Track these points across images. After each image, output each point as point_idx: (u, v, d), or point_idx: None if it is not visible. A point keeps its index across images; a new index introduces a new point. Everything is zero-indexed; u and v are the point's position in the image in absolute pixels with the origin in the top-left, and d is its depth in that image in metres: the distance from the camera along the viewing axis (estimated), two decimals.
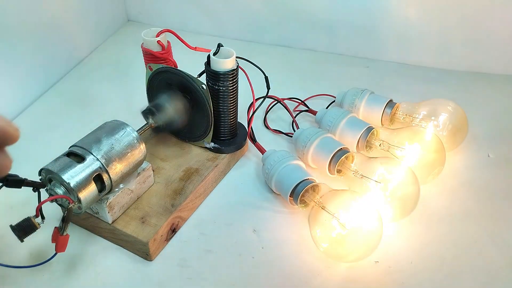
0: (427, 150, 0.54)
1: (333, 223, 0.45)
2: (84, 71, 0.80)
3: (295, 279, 0.45)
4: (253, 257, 0.47)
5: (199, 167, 0.54)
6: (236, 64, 0.52)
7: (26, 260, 0.46)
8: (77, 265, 0.46)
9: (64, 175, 0.39)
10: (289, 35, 0.88)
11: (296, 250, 0.48)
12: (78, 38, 0.81)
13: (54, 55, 0.75)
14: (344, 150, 0.54)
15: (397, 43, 0.82)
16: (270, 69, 0.59)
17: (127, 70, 0.80)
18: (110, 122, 0.46)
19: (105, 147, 0.43)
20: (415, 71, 0.81)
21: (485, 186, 0.57)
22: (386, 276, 0.46)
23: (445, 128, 0.58)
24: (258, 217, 0.52)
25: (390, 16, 0.79)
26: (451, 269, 0.46)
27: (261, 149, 0.57)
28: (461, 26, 0.77)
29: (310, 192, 0.49)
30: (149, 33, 0.54)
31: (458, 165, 0.60)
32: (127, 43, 0.89)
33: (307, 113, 0.68)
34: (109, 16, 0.91)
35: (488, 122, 0.68)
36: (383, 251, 0.47)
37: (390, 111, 0.61)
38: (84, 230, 0.50)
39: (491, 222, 0.52)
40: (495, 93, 0.75)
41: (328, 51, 0.87)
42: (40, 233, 0.40)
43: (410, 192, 0.49)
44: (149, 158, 0.55)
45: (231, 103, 0.54)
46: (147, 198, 0.50)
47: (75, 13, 0.78)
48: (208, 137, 0.56)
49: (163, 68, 0.52)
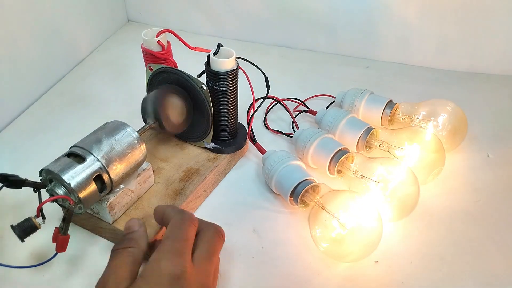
0: (427, 151, 0.54)
1: (333, 223, 0.45)
2: (84, 71, 0.80)
3: (295, 279, 0.45)
4: (253, 257, 0.47)
5: (199, 167, 0.54)
6: (236, 64, 0.52)
7: (26, 260, 0.46)
8: (78, 265, 0.46)
9: (65, 175, 0.39)
10: (289, 35, 0.88)
11: (296, 250, 0.48)
12: (78, 38, 0.81)
13: (54, 55, 0.75)
14: (344, 150, 0.54)
15: (397, 43, 0.82)
16: (270, 69, 0.59)
17: (127, 70, 0.80)
18: (110, 123, 0.46)
19: (105, 148, 0.43)
20: (415, 71, 0.82)
21: (485, 186, 0.57)
22: (386, 276, 0.46)
23: (444, 129, 0.59)
24: (258, 217, 0.52)
25: (390, 16, 0.79)
26: (451, 269, 0.47)
27: (261, 150, 0.57)
28: (461, 26, 0.77)
29: (310, 192, 0.49)
30: (149, 33, 0.54)
31: (458, 165, 0.60)
32: (127, 43, 0.89)
33: (307, 114, 0.68)
34: (109, 16, 0.91)
35: (488, 122, 0.68)
36: (383, 251, 0.47)
37: (389, 111, 0.61)
38: (84, 230, 0.50)
39: (491, 222, 0.52)
40: (495, 93, 0.75)
41: (328, 51, 0.87)
42: (41, 233, 0.40)
43: (410, 192, 0.49)
44: (150, 158, 0.55)
45: (231, 103, 0.54)
46: (148, 198, 0.50)
47: (75, 13, 0.78)
48: (208, 138, 0.56)
49: (163, 68, 0.53)
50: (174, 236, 0.38)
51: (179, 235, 0.38)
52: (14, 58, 0.65)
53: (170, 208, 0.42)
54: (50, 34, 0.72)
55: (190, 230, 0.39)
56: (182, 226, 0.39)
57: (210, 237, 0.39)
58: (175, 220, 0.39)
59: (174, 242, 0.37)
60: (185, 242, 0.38)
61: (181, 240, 0.37)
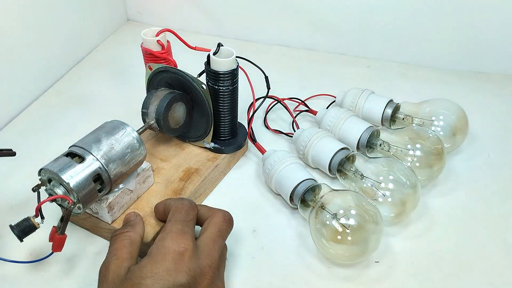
0: (427, 150, 0.54)
1: (333, 223, 0.45)
2: (84, 71, 0.80)
3: (295, 279, 0.45)
4: (253, 257, 0.47)
5: (199, 167, 0.54)
6: (236, 64, 0.52)
7: (25, 259, 0.46)
8: (77, 265, 0.46)
9: (64, 175, 0.39)
10: (290, 34, 0.88)
11: (296, 250, 0.48)
12: (77, 38, 0.81)
13: (54, 55, 0.74)
14: (344, 150, 0.54)
15: (397, 43, 0.82)
16: (270, 69, 0.59)
17: (126, 70, 0.80)
18: (110, 122, 0.46)
19: (105, 147, 0.43)
20: (415, 71, 0.81)
21: (485, 186, 0.57)
22: (386, 276, 0.46)
23: (445, 128, 0.58)
24: (258, 217, 0.52)
25: (391, 15, 0.79)
26: (451, 269, 0.46)
27: (261, 149, 0.57)
28: (461, 26, 0.77)
29: (310, 192, 0.49)
30: (148, 32, 0.53)
31: (458, 165, 0.60)
32: (126, 43, 0.89)
33: (307, 113, 0.68)
34: (108, 15, 0.91)
35: (488, 122, 0.68)
36: (383, 251, 0.47)
37: (390, 111, 0.61)
38: (83, 230, 0.49)
39: (491, 222, 0.52)
40: (495, 93, 0.75)
41: (328, 50, 0.87)
42: (39, 233, 0.40)
43: (410, 192, 0.49)
44: (149, 158, 0.55)
45: (231, 103, 0.54)
46: (147, 198, 0.50)
47: (74, 12, 0.78)
48: (208, 137, 0.56)
49: (163, 68, 0.52)
50: (176, 218, 0.41)
51: (181, 217, 0.41)
52: (13, 57, 0.65)
53: (170, 199, 0.46)
54: (49, 33, 0.72)
55: (191, 213, 0.42)
56: (183, 210, 0.42)
57: (218, 221, 0.42)
58: (177, 205, 0.43)
59: (176, 223, 0.40)
60: (187, 223, 0.41)
61: (183, 221, 0.40)
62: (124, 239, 0.41)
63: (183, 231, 0.39)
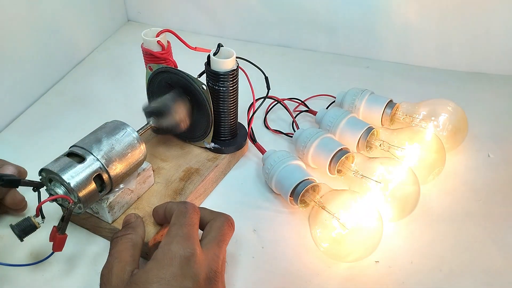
0: (427, 150, 0.54)
1: (333, 223, 0.45)
2: (84, 71, 0.80)
3: (295, 279, 0.45)
4: (253, 257, 0.47)
5: (199, 167, 0.54)
6: (236, 64, 0.52)
7: (26, 260, 0.46)
8: (78, 265, 0.46)
9: (64, 175, 0.39)
10: (289, 35, 0.88)
11: (296, 250, 0.48)
12: (78, 38, 0.81)
13: (54, 55, 0.75)
14: (344, 150, 0.54)
15: (397, 43, 0.82)
16: (270, 69, 0.59)
17: (127, 70, 0.80)
18: (110, 122, 0.46)
19: (105, 147, 0.43)
20: (415, 71, 0.81)
21: (485, 186, 0.57)
22: (386, 276, 0.46)
23: (445, 128, 0.58)
24: (258, 217, 0.52)
25: (390, 16, 0.79)
26: (451, 269, 0.46)
27: (261, 149, 0.57)
28: (460, 26, 0.77)
29: (310, 192, 0.49)
30: (149, 33, 0.54)
31: (458, 165, 0.60)
32: (127, 43, 0.89)
33: (307, 113, 0.68)
34: (109, 16, 0.91)
35: (488, 122, 0.68)
36: (383, 251, 0.47)
37: (390, 111, 0.61)
38: (84, 230, 0.50)
39: (491, 222, 0.52)
40: (495, 93, 0.75)
41: (328, 51, 0.87)
42: (40, 232, 0.40)
43: (410, 192, 0.49)
44: (149, 158, 0.55)
45: (231, 103, 0.54)
46: (147, 198, 0.50)
47: (75, 13, 0.78)
48: (208, 137, 0.56)
49: (163, 68, 0.52)
50: (181, 222, 0.40)
51: (185, 221, 0.40)
52: (14, 58, 0.65)
53: (171, 203, 0.45)
54: (49, 34, 0.72)
55: (194, 216, 0.41)
56: (187, 213, 0.41)
57: (220, 225, 0.41)
58: (180, 209, 0.42)
59: (181, 227, 0.39)
60: (192, 227, 0.40)
61: (188, 225, 0.40)
62: (126, 242, 0.40)
63: (189, 236, 0.38)
